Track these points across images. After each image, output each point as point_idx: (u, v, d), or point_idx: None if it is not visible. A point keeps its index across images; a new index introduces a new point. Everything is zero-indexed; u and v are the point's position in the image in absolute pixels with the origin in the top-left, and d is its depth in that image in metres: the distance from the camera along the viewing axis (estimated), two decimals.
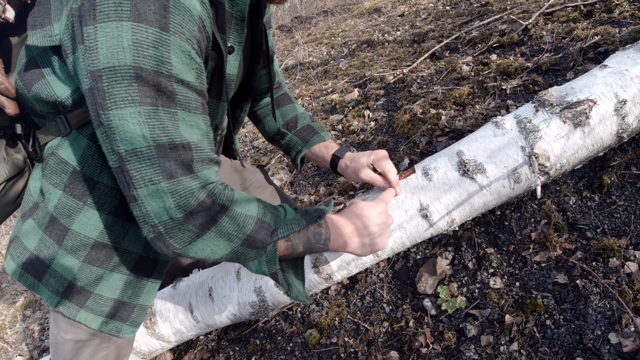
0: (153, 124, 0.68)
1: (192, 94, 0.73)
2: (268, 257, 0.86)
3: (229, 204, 0.78)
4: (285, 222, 0.86)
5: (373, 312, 1.43)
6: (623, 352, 1.02)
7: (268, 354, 1.50)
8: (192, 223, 0.74)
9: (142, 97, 0.67)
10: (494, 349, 1.16)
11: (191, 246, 0.77)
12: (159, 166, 0.70)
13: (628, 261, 1.16)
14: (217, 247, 0.79)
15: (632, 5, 2.16)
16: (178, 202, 0.72)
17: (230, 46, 0.83)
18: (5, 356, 2.16)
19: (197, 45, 0.72)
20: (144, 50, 0.65)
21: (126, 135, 0.68)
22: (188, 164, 0.72)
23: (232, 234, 0.79)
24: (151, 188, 0.71)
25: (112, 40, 0.64)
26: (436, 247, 1.48)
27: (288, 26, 7.49)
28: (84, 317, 0.97)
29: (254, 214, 0.82)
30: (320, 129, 1.27)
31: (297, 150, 1.25)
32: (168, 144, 0.70)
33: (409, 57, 3.11)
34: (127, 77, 0.65)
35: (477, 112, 1.93)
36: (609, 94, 1.09)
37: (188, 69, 0.71)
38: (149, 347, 1.42)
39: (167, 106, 0.69)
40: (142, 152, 0.69)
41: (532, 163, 1.05)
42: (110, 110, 0.67)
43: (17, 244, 0.95)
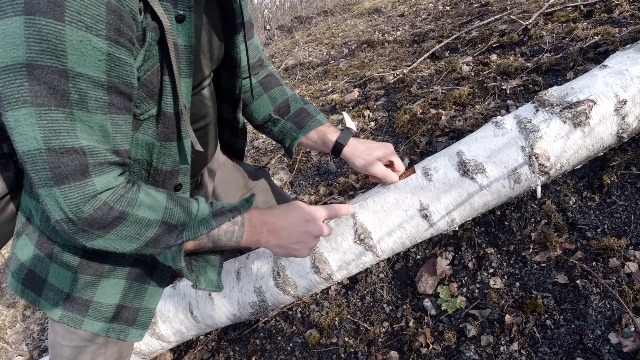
0: (44, 126, 0.64)
1: (94, 91, 0.67)
2: (172, 256, 0.85)
3: (130, 209, 0.75)
4: (193, 222, 0.84)
5: (373, 312, 1.43)
6: (623, 352, 1.02)
7: (268, 354, 1.50)
8: (89, 226, 0.73)
9: (34, 97, 0.62)
10: (494, 349, 1.16)
11: (94, 243, 0.76)
12: (50, 170, 0.67)
13: (628, 261, 1.16)
14: (120, 246, 0.78)
15: (632, 5, 2.16)
16: (71, 208, 0.70)
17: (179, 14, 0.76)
18: (5, 356, 2.16)
19: (105, 31, 0.64)
20: (37, 45, 0.60)
21: (21, 137, 0.65)
22: (82, 169, 0.69)
23: (134, 237, 0.77)
24: (47, 190, 0.69)
25: (7, 37, 0.60)
26: (436, 247, 1.48)
27: (288, 26, 7.49)
28: (89, 325, 0.97)
29: (158, 216, 0.79)
30: (316, 111, 1.18)
31: (292, 138, 1.16)
32: (59, 147, 0.66)
33: (409, 57, 3.11)
34: (19, 76, 0.61)
35: (477, 112, 1.93)
36: (609, 94, 1.09)
37: (90, 61, 0.64)
38: (149, 347, 1.42)
39: (61, 105, 0.64)
40: (35, 155, 0.66)
41: (532, 163, 1.05)
42: (6, 111, 0.64)
43: (15, 261, 0.96)
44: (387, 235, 1.16)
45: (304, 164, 2.38)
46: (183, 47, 0.79)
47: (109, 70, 0.67)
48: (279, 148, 2.74)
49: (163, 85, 0.79)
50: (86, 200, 0.70)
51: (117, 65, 0.68)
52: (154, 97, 0.79)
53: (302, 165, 2.38)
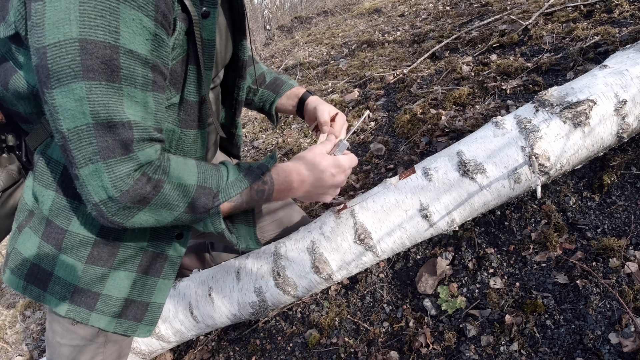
0: (94, 100, 0.66)
1: (142, 69, 0.70)
2: (212, 220, 0.88)
3: (166, 177, 0.78)
4: (227, 185, 0.87)
5: (373, 312, 1.43)
6: (623, 352, 1.02)
7: (268, 354, 1.50)
8: (130, 200, 0.74)
9: (85, 71, 0.64)
10: (494, 349, 1.16)
11: (135, 219, 0.78)
12: (97, 145, 0.69)
13: (628, 261, 1.16)
14: (160, 217, 0.80)
15: (632, 5, 2.16)
16: (114, 182, 0.71)
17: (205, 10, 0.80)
18: (5, 356, 2.16)
19: (153, 12, 0.67)
20: (92, 20, 0.62)
21: (68, 113, 0.66)
22: (127, 143, 0.71)
23: (173, 204, 0.80)
24: (90, 167, 0.70)
25: (60, 13, 0.62)
26: (436, 247, 1.48)
27: (288, 26, 7.49)
28: (97, 320, 0.96)
29: (193, 181, 0.82)
30: (288, 78, 1.31)
31: (270, 102, 1.29)
32: (107, 122, 0.68)
33: (409, 57, 3.11)
34: (71, 51, 0.63)
35: (477, 112, 1.93)
36: (609, 94, 1.09)
37: (140, 39, 0.67)
38: (149, 347, 1.42)
39: (112, 80, 0.67)
40: (82, 130, 0.68)
41: (532, 163, 1.06)
42: (53, 88, 0.65)
43: (16, 256, 0.94)
44: (387, 235, 1.16)
45: None
46: (206, 40, 0.83)
47: (153, 50, 0.70)
48: (278, 148, 2.74)
49: (188, 74, 0.83)
50: (130, 173, 0.72)
51: (160, 45, 0.71)
52: (176, 85, 0.83)
53: None
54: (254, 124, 3.38)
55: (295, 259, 1.22)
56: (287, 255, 1.23)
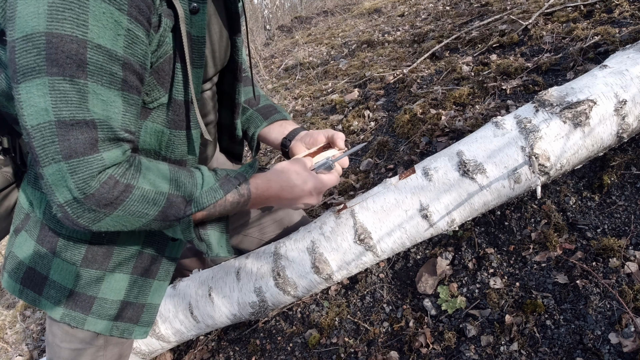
0: (56, 96, 0.64)
1: (110, 66, 0.67)
2: (182, 228, 0.84)
3: (135, 181, 0.74)
4: (200, 194, 0.83)
5: (373, 312, 1.43)
6: (623, 352, 1.02)
7: (268, 354, 1.50)
8: (96, 204, 0.71)
9: (50, 66, 0.62)
10: (494, 349, 1.16)
11: (101, 224, 0.74)
12: (59, 144, 0.66)
13: (628, 261, 1.16)
14: (128, 223, 0.76)
15: (632, 5, 2.16)
16: (77, 184, 0.68)
17: (194, 6, 0.78)
18: (5, 356, 2.16)
19: (127, 6, 0.65)
20: (59, 13, 0.60)
21: (31, 109, 0.64)
22: (91, 143, 0.68)
23: (142, 212, 0.76)
24: (54, 167, 0.67)
25: (30, 7, 0.60)
26: (436, 247, 1.48)
27: (288, 26, 7.49)
28: (92, 324, 0.95)
29: (165, 189, 0.78)
30: (282, 109, 1.26)
31: (257, 126, 1.21)
32: (70, 119, 0.65)
33: (409, 57, 3.11)
34: (37, 45, 0.61)
35: (477, 112, 1.93)
36: (609, 94, 1.09)
37: (110, 34, 0.65)
38: (149, 347, 1.42)
39: (76, 76, 0.64)
40: (45, 128, 0.65)
41: (532, 163, 1.06)
42: (19, 83, 0.63)
43: (12, 259, 0.93)
44: (387, 235, 1.16)
45: None
46: (195, 37, 0.80)
47: (126, 47, 0.67)
48: None
49: (175, 72, 0.80)
50: (94, 175, 0.69)
51: (134, 42, 0.68)
52: (164, 84, 0.80)
53: None
54: None
55: (295, 259, 1.22)
56: (287, 255, 1.23)
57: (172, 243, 1.01)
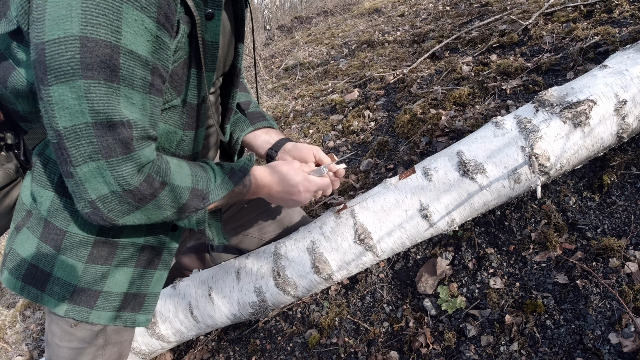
0: (92, 99, 0.66)
1: (141, 71, 0.69)
2: (198, 218, 0.91)
3: (168, 179, 0.80)
4: (215, 187, 0.90)
5: (373, 312, 1.43)
6: (623, 352, 1.02)
7: (268, 354, 1.50)
8: (132, 198, 0.75)
9: (84, 70, 0.64)
10: (494, 349, 1.16)
11: (129, 217, 0.79)
12: (97, 144, 0.68)
13: (628, 261, 1.16)
14: (153, 216, 0.81)
15: (632, 5, 2.16)
16: (118, 180, 0.72)
17: (209, 12, 0.80)
18: (5, 356, 2.16)
19: (156, 14, 0.67)
20: (93, 18, 0.62)
21: (65, 111, 0.66)
22: (127, 142, 0.71)
23: (169, 205, 0.81)
24: (91, 165, 0.70)
25: (61, 9, 0.61)
26: (436, 247, 1.48)
27: (288, 26, 7.49)
28: (97, 317, 0.97)
29: (188, 184, 0.84)
30: (270, 117, 1.29)
31: (242, 130, 1.23)
32: (107, 120, 0.68)
33: (409, 57, 3.11)
34: (71, 49, 0.62)
35: (477, 112, 1.93)
36: (609, 94, 1.09)
37: (142, 41, 0.67)
38: (148, 347, 1.42)
39: (110, 80, 0.66)
40: (80, 129, 0.67)
41: (532, 163, 1.06)
42: (50, 85, 0.65)
43: (13, 256, 0.93)
44: (387, 235, 1.16)
45: None
46: (209, 43, 0.84)
47: (153, 52, 0.70)
48: None
49: (190, 76, 0.84)
50: (134, 172, 0.73)
51: (161, 48, 0.71)
52: (177, 88, 0.83)
53: None
54: None
55: (295, 259, 1.22)
56: (287, 255, 1.23)
57: (171, 234, 1.02)
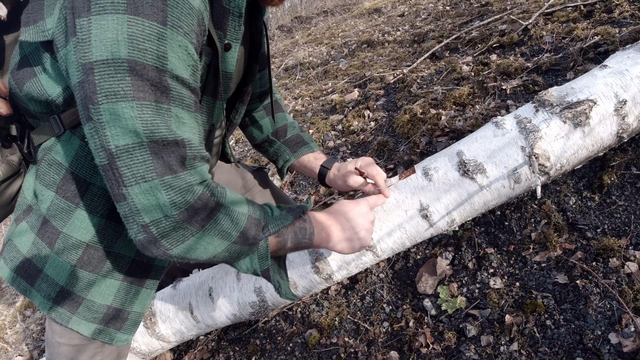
0: (146, 119, 0.66)
1: (186, 91, 0.71)
2: (260, 254, 0.86)
3: (224, 200, 0.77)
4: (273, 218, 0.87)
5: (373, 312, 1.43)
6: (623, 352, 1.02)
7: (268, 354, 1.50)
8: (188, 221, 0.72)
9: (136, 91, 0.65)
10: (494, 349, 1.16)
11: (184, 245, 0.75)
12: (152, 163, 0.68)
13: (628, 261, 1.16)
14: (210, 246, 0.77)
15: (632, 5, 2.16)
16: (173, 200, 0.70)
17: (227, 43, 0.82)
18: (5, 356, 2.16)
19: (195, 40, 0.70)
20: (140, 44, 0.63)
21: (117, 130, 0.66)
22: (181, 161, 0.71)
23: (227, 231, 0.78)
24: (143, 186, 0.69)
25: (107, 32, 0.62)
26: (436, 247, 1.48)
27: (288, 26, 7.49)
28: (76, 324, 0.96)
29: (245, 210, 0.81)
30: (310, 139, 1.28)
31: (285, 160, 1.26)
32: (162, 140, 0.68)
33: (409, 57, 3.11)
34: (120, 71, 0.64)
35: (477, 112, 1.93)
36: (609, 94, 1.09)
37: (184, 65, 0.69)
38: (149, 347, 1.42)
39: (161, 102, 0.67)
40: (134, 149, 0.67)
41: (532, 163, 1.06)
42: (100, 104, 0.65)
43: (10, 247, 0.94)
44: (387, 235, 1.16)
45: None
46: (225, 73, 0.86)
47: (192, 74, 0.72)
48: None
49: (202, 103, 0.85)
50: (189, 189, 0.72)
51: (197, 71, 0.74)
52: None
53: None
54: None
55: (295, 258, 1.22)
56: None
57: None
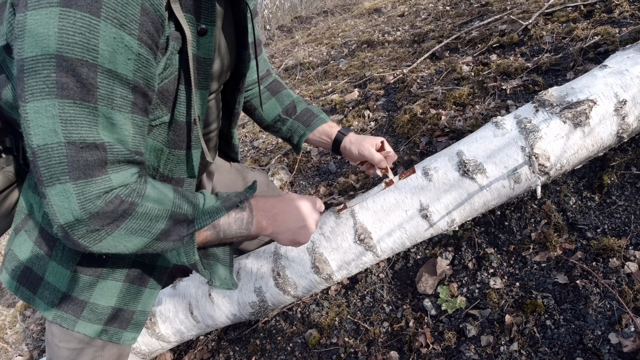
0: (66, 119, 0.64)
1: (120, 89, 0.67)
2: (185, 249, 0.84)
3: (140, 199, 0.74)
4: (203, 211, 0.83)
5: (373, 312, 1.43)
6: (623, 352, 1.02)
7: (268, 354, 1.50)
8: (98, 223, 0.70)
9: (60, 88, 0.62)
10: (494, 349, 1.16)
11: (102, 244, 0.73)
12: (67, 165, 0.66)
13: (628, 261, 1.16)
14: (129, 243, 0.76)
15: (632, 5, 2.16)
16: (83, 205, 0.68)
17: (202, 28, 0.78)
18: (5, 356, 2.16)
19: (137, 31, 0.65)
20: (70, 37, 0.60)
21: (39, 129, 0.64)
22: (100, 165, 0.68)
23: (144, 230, 0.76)
24: (58, 187, 0.67)
25: (39, 27, 0.60)
26: (436, 247, 1.48)
27: (288, 26, 7.49)
28: (83, 327, 0.96)
29: (168, 207, 0.78)
30: (319, 111, 1.29)
31: (300, 135, 1.26)
32: (80, 142, 0.65)
33: (409, 57, 3.11)
34: (47, 67, 0.61)
35: (477, 112, 1.93)
36: (609, 94, 1.09)
37: (121, 59, 0.65)
38: (149, 347, 1.42)
39: (86, 100, 0.64)
40: (53, 149, 0.65)
41: (532, 163, 1.06)
42: (27, 102, 0.63)
43: (11, 257, 0.95)
44: (387, 235, 1.16)
45: (304, 164, 2.38)
46: (202, 59, 0.81)
47: (135, 70, 0.68)
48: (278, 148, 2.74)
49: (178, 94, 0.81)
50: (100, 194, 0.69)
51: (143, 66, 0.69)
52: (167, 104, 0.81)
53: (302, 165, 2.38)
54: (254, 124, 3.37)
55: (295, 258, 1.22)
56: (287, 255, 1.23)
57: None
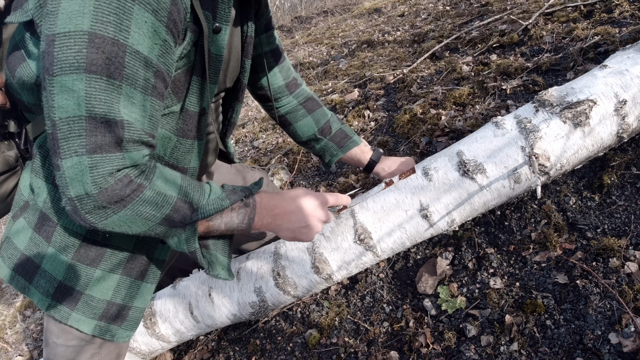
0: (91, 93, 0.66)
1: (144, 72, 0.70)
2: (187, 236, 0.85)
3: (148, 182, 0.76)
4: (207, 201, 0.85)
5: (373, 312, 1.43)
6: (623, 352, 1.02)
7: (268, 354, 1.50)
8: (107, 200, 0.72)
9: (89, 64, 0.65)
10: (494, 349, 1.16)
11: (107, 222, 0.75)
12: (86, 138, 0.68)
13: (628, 261, 1.16)
14: (134, 225, 0.78)
15: (632, 5, 2.16)
16: (95, 179, 0.70)
17: (216, 26, 0.82)
18: (5, 356, 2.16)
19: (166, 18, 0.69)
20: (104, 17, 0.64)
21: (63, 102, 0.66)
22: (117, 142, 0.70)
23: (149, 213, 0.77)
24: (74, 159, 0.69)
25: (75, 5, 0.63)
26: (436, 247, 1.48)
27: (288, 26, 7.49)
28: (76, 321, 0.95)
29: (174, 193, 0.80)
30: (352, 133, 1.36)
31: (332, 155, 1.35)
32: (100, 117, 0.68)
33: (409, 57, 3.11)
34: (79, 42, 0.64)
35: (477, 112, 1.93)
36: (609, 94, 1.09)
37: (149, 43, 0.69)
38: (149, 347, 1.42)
39: (113, 77, 0.67)
40: (74, 121, 0.67)
41: (532, 163, 1.06)
42: (55, 76, 0.66)
43: (8, 244, 0.94)
44: (387, 235, 1.16)
45: (304, 164, 2.38)
46: (214, 55, 0.86)
47: (159, 56, 0.72)
48: (278, 148, 2.74)
49: (191, 84, 0.85)
50: (112, 172, 0.71)
51: (166, 52, 0.73)
52: (178, 94, 0.84)
53: (302, 166, 2.38)
54: (254, 124, 3.38)
55: (295, 258, 1.22)
56: (287, 255, 1.23)
57: (161, 245, 1.01)
